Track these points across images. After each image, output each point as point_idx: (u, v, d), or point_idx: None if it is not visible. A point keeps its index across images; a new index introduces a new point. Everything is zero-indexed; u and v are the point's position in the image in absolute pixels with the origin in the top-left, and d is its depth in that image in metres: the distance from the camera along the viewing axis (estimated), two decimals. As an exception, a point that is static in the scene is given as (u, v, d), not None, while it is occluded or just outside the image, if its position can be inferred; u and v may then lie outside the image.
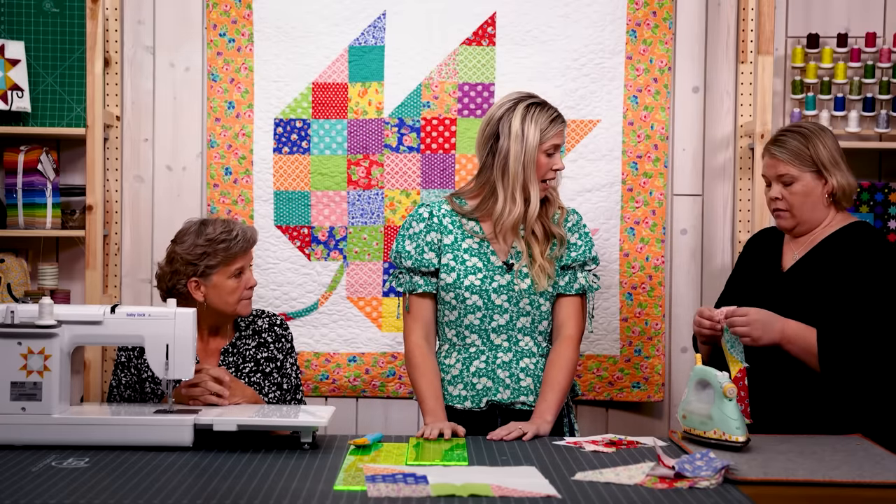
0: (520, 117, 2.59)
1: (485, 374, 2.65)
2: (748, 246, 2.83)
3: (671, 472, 2.06)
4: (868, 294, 2.51)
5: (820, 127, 2.64)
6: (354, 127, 3.47)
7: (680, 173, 3.53)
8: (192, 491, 1.94)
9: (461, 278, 2.63)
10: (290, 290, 3.49)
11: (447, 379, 2.67)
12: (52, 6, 3.41)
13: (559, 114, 2.64)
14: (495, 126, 2.61)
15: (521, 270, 2.64)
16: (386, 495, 1.91)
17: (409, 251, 2.65)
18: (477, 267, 2.64)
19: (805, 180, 2.58)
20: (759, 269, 2.71)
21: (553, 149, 2.61)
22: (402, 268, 2.66)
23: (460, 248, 2.65)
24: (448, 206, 2.68)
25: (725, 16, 3.51)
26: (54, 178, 3.40)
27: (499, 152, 2.60)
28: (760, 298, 2.61)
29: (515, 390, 2.65)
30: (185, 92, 3.53)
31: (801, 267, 2.62)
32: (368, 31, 3.47)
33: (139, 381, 2.72)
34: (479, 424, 2.56)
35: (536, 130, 2.58)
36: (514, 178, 2.58)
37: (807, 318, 2.54)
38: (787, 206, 2.61)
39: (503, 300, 2.64)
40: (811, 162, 2.57)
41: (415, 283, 2.65)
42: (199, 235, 2.70)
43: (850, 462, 2.21)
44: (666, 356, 3.52)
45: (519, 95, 2.65)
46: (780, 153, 2.59)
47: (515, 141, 2.57)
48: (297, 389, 2.83)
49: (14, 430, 2.30)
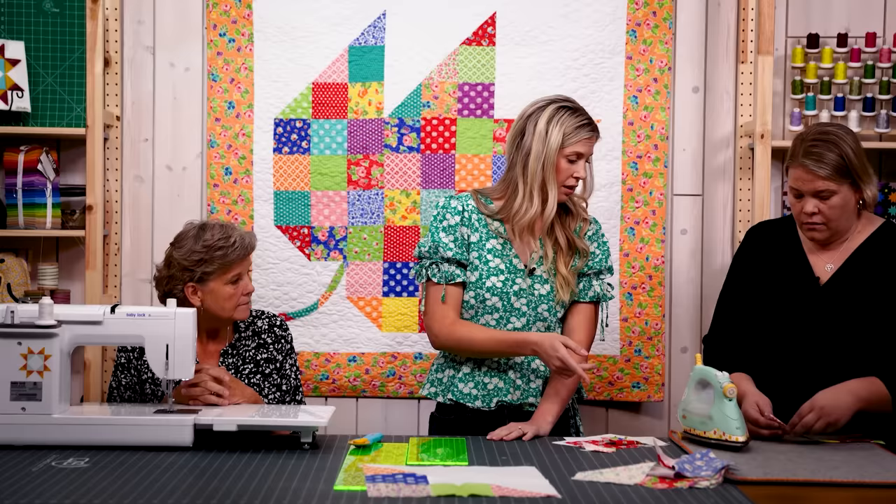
0: (546, 117, 2.58)
1: (496, 374, 2.65)
2: (750, 240, 2.73)
3: (671, 472, 2.06)
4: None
5: (844, 129, 2.52)
6: (354, 127, 3.47)
7: (680, 173, 3.53)
8: (192, 491, 1.94)
9: (483, 279, 2.63)
10: (290, 290, 3.49)
11: (458, 377, 2.67)
12: (52, 6, 3.41)
13: (590, 122, 2.61)
14: (524, 123, 2.62)
15: (542, 276, 2.65)
16: (386, 495, 1.91)
17: (447, 242, 2.63)
18: (499, 269, 2.63)
19: (843, 192, 2.48)
20: (788, 280, 2.60)
21: (575, 156, 2.58)
22: (438, 258, 2.63)
23: (484, 248, 2.65)
24: (473, 203, 2.68)
25: (725, 16, 3.51)
26: (54, 178, 3.40)
27: (522, 149, 2.60)
28: (799, 315, 2.55)
29: (525, 391, 2.65)
30: (185, 92, 3.53)
31: (840, 279, 2.54)
32: (368, 31, 3.47)
33: (139, 383, 2.72)
34: (488, 424, 2.56)
35: (560, 133, 2.56)
36: (532, 177, 2.57)
37: (850, 332, 2.49)
38: (824, 219, 2.50)
39: (522, 304, 2.64)
40: (848, 174, 2.46)
41: (453, 273, 2.62)
42: (197, 241, 2.69)
43: (850, 462, 2.21)
44: (666, 356, 3.52)
45: (554, 97, 2.65)
46: (819, 168, 2.45)
47: (538, 140, 2.57)
48: (297, 390, 2.83)
49: (14, 430, 2.30)
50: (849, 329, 2.50)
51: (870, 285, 2.51)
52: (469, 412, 2.64)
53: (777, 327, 2.60)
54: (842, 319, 2.51)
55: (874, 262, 2.52)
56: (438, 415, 2.73)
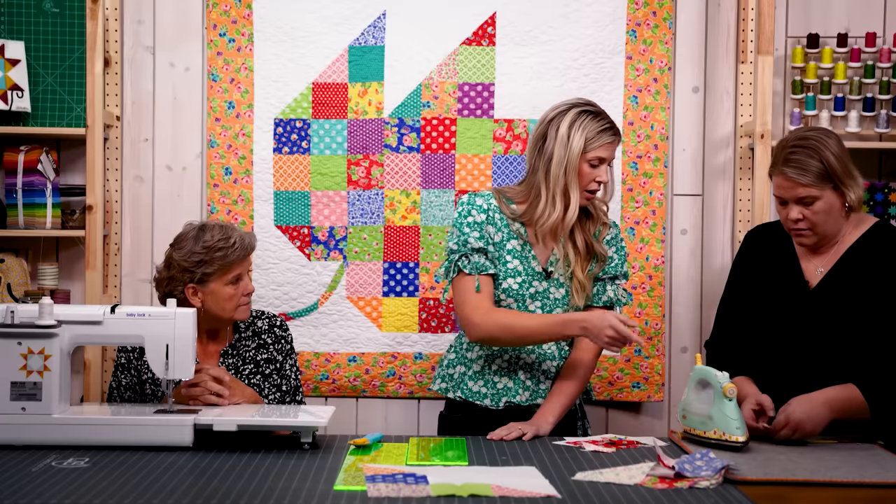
0: (568, 122, 2.57)
1: (506, 373, 2.65)
2: (748, 245, 2.73)
3: (671, 472, 2.06)
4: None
5: (824, 133, 2.51)
6: (354, 127, 3.47)
7: (680, 173, 3.53)
8: (192, 491, 1.94)
9: (500, 279, 2.63)
10: (290, 290, 3.49)
11: (468, 374, 2.67)
12: (52, 6, 3.41)
13: (612, 126, 2.60)
14: (545, 127, 2.61)
15: (558, 279, 2.65)
16: (386, 495, 1.91)
17: (475, 236, 2.62)
18: (517, 270, 2.63)
19: (826, 197, 2.46)
20: (780, 284, 2.61)
21: (597, 160, 2.58)
22: (468, 250, 2.62)
23: (504, 248, 2.65)
24: (496, 202, 2.67)
25: (725, 16, 3.51)
26: (54, 178, 3.40)
27: (544, 153, 2.59)
28: (788, 318, 2.56)
29: (535, 392, 2.65)
30: (185, 92, 3.53)
31: (829, 283, 2.54)
32: (368, 31, 3.47)
33: (139, 383, 2.72)
34: (496, 424, 2.56)
35: (582, 138, 2.56)
36: (555, 182, 2.57)
37: (839, 335, 2.49)
38: (809, 225, 2.50)
39: (537, 306, 2.64)
40: (829, 178, 2.45)
41: (484, 264, 2.61)
42: (197, 242, 2.69)
43: (850, 462, 2.21)
44: (666, 356, 3.52)
45: (576, 101, 2.64)
46: (798, 176, 2.45)
47: (560, 145, 2.56)
48: (297, 391, 2.83)
49: (14, 430, 2.30)
50: (838, 333, 2.49)
51: (858, 289, 2.50)
52: (477, 410, 2.64)
53: (770, 332, 2.60)
54: (831, 324, 2.51)
55: (863, 266, 2.52)
56: (447, 413, 2.73)
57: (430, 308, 3.47)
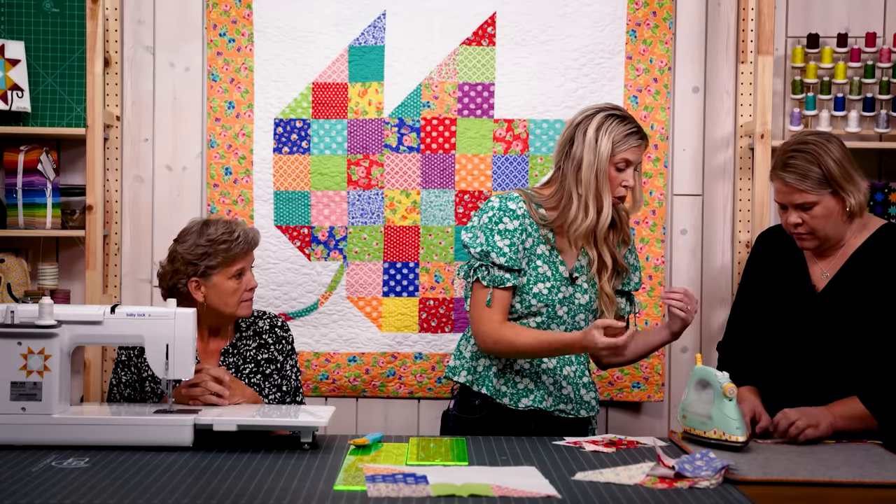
0: (595, 126, 2.58)
1: (528, 374, 2.66)
2: (759, 248, 2.74)
3: (671, 472, 2.06)
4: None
5: (826, 137, 2.50)
6: (354, 127, 3.47)
7: (680, 173, 3.53)
8: (192, 491, 1.94)
9: (530, 284, 2.63)
10: (290, 290, 3.49)
11: (492, 370, 2.67)
12: (52, 6, 3.41)
13: (638, 130, 2.61)
14: (572, 131, 2.62)
15: (582, 286, 2.66)
16: (386, 495, 1.91)
17: (502, 248, 2.59)
18: (546, 276, 2.64)
19: (825, 202, 2.47)
20: (787, 288, 2.61)
21: (624, 164, 2.58)
22: (488, 262, 2.60)
23: (534, 253, 2.65)
24: (526, 207, 2.65)
25: (725, 16, 3.51)
26: (54, 178, 3.40)
27: (573, 158, 2.60)
28: (795, 322, 2.56)
29: (557, 398, 2.66)
30: (185, 92, 3.53)
31: (835, 287, 2.53)
32: (368, 31, 3.47)
33: (139, 380, 2.72)
34: (513, 423, 2.56)
35: (609, 141, 2.56)
36: (587, 187, 2.57)
37: (845, 340, 2.49)
38: (808, 229, 2.50)
39: (564, 312, 2.66)
40: (828, 184, 2.45)
41: (503, 277, 2.60)
42: (201, 235, 2.70)
43: (850, 462, 2.21)
44: (666, 356, 3.52)
45: (604, 105, 2.65)
46: (795, 181, 2.46)
47: (588, 149, 2.57)
48: (297, 391, 2.83)
49: (14, 430, 2.30)
50: (844, 338, 2.49)
51: (864, 293, 2.49)
52: (497, 407, 2.64)
53: (778, 336, 2.60)
54: (837, 328, 2.50)
55: (869, 269, 2.51)
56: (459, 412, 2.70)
57: (430, 308, 3.47)
